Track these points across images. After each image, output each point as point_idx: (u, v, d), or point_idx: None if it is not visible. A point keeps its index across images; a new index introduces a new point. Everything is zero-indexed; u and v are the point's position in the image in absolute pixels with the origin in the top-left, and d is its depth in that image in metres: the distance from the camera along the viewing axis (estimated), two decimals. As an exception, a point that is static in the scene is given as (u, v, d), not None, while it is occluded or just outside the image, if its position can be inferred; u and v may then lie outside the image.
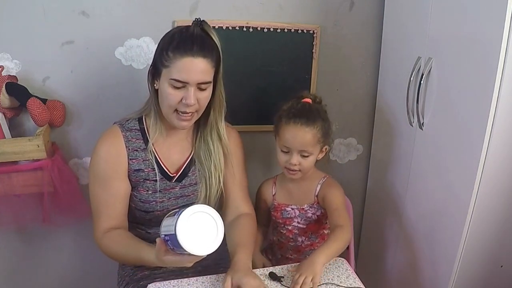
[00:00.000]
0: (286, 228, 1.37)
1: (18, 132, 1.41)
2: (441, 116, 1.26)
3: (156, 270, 1.23)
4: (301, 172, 1.27)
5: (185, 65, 1.03)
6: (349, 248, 1.44)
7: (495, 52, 1.01)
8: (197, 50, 1.03)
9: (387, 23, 1.56)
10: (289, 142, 1.23)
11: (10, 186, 1.32)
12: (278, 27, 1.49)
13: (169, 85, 1.06)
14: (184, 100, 1.06)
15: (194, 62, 1.03)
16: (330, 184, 1.32)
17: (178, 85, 1.05)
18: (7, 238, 1.54)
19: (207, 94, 1.10)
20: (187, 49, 1.03)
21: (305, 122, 1.21)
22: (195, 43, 1.04)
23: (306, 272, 1.02)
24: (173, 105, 1.07)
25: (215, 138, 1.21)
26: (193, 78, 1.04)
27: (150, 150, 1.16)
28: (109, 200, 1.13)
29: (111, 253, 1.12)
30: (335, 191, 1.30)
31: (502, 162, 1.11)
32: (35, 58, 1.36)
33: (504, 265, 1.27)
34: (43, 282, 1.65)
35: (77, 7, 1.35)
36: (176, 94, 1.06)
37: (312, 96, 1.31)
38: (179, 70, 1.03)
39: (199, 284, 1.05)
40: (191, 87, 1.05)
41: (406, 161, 1.45)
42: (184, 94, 1.06)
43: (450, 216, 1.24)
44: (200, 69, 1.05)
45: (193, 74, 1.04)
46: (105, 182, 1.12)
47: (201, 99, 1.09)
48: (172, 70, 1.04)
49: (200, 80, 1.05)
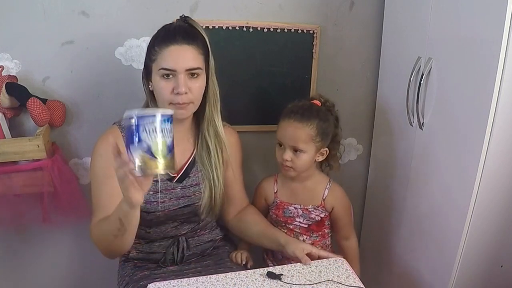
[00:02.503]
0: (287, 227, 1.37)
1: (18, 132, 1.41)
2: (441, 116, 1.26)
3: (156, 270, 1.23)
4: (294, 169, 1.27)
5: (170, 53, 1.06)
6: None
7: (495, 52, 1.01)
8: (181, 39, 1.07)
9: (387, 23, 1.56)
10: (281, 136, 1.27)
11: (10, 186, 1.32)
12: (278, 27, 1.49)
13: (160, 77, 1.08)
14: (175, 90, 1.07)
15: (179, 49, 1.06)
16: (340, 195, 1.36)
17: (166, 73, 1.07)
18: (7, 238, 1.54)
19: (199, 83, 1.11)
20: (171, 39, 1.07)
21: (299, 118, 1.23)
22: (178, 33, 1.08)
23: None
24: (166, 97, 1.09)
25: (212, 133, 1.21)
26: (180, 65, 1.06)
27: None
28: (108, 198, 1.12)
29: (97, 239, 1.08)
30: (346, 204, 1.38)
31: (502, 162, 1.11)
32: (35, 58, 1.36)
33: (504, 265, 1.27)
34: (43, 282, 1.65)
35: (77, 7, 1.35)
36: (167, 85, 1.08)
37: (323, 99, 1.33)
38: (165, 59, 1.06)
39: (199, 284, 1.05)
40: (180, 75, 1.06)
41: (406, 161, 1.45)
42: (175, 83, 1.07)
43: (450, 216, 1.24)
44: (186, 55, 1.07)
45: (180, 61, 1.06)
46: (105, 180, 1.12)
47: (193, 88, 1.09)
48: (159, 61, 1.07)
49: (187, 66, 1.07)
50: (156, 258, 1.26)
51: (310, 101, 1.31)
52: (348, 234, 1.40)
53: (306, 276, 1.08)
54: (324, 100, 1.33)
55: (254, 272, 1.10)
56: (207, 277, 1.08)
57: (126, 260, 1.29)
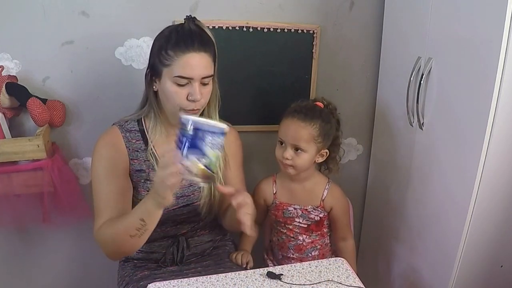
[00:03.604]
0: (286, 227, 1.38)
1: (18, 132, 1.41)
2: (441, 116, 1.26)
3: (156, 270, 1.23)
4: (294, 168, 1.28)
5: (188, 61, 1.04)
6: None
7: (495, 52, 1.01)
8: (198, 46, 1.04)
9: (387, 23, 1.56)
10: (283, 134, 1.27)
11: (10, 186, 1.32)
12: (278, 27, 1.49)
13: (173, 83, 1.06)
14: (191, 97, 1.06)
15: (197, 57, 1.04)
16: (339, 196, 1.37)
17: (182, 82, 1.05)
18: (7, 238, 1.54)
19: (209, 88, 1.11)
20: (189, 45, 1.04)
21: (302, 118, 1.24)
22: (195, 38, 1.05)
23: None
24: (179, 103, 1.07)
25: None
26: (198, 73, 1.05)
27: (150, 152, 1.16)
28: (109, 197, 1.11)
29: (107, 239, 1.05)
30: (344, 205, 1.38)
31: (502, 162, 1.11)
32: (35, 58, 1.36)
33: (504, 265, 1.27)
34: (43, 282, 1.65)
35: (77, 7, 1.35)
36: (181, 91, 1.06)
37: (325, 101, 1.34)
38: (183, 66, 1.04)
39: (199, 284, 1.05)
40: (196, 83, 1.06)
41: (406, 161, 1.45)
42: (189, 90, 1.06)
43: (450, 216, 1.24)
44: (203, 63, 1.06)
45: (197, 69, 1.05)
46: (106, 179, 1.12)
47: (204, 93, 1.09)
48: (175, 68, 1.04)
49: (204, 74, 1.06)
50: (156, 258, 1.26)
51: (313, 102, 1.32)
52: (346, 235, 1.41)
53: (306, 276, 1.08)
54: (326, 103, 1.34)
55: (254, 272, 1.10)
56: (207, 277, 1.07)
57: (126, 260, 1.29)
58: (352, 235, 1.44)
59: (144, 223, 0.97)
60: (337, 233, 1.41)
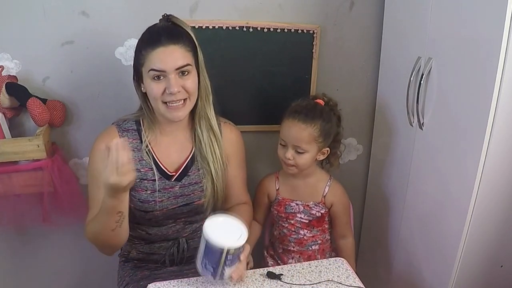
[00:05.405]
0: (288, 222, 1.39)
1: (18, 132, 1.41)
2: (441, 116, 1.26)
3: (156, 270, 1.23)
4: (296, 168, 1.29)
5: (157, 55, 1.06)
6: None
7: (495, 52, 1.00)
8: (166, 40, 1.07)
9: (387, 23, 1.56)
10: (285, 136, 1.28)
11: (10, 186, 1.32)
12: (278, 27, 1.49)
13: (151, 80, 1.08)
14: (168, 90, 1.07)
15: (166, 50, 1.06)
16: (340, 193, 1.38)
17: (157, 75, 1.07)
18: (7, 238, 1.54)
19: (191, 79, 1.11)
20: (156, 41, 1.07)
21: (303, 119, 1.25)
22: (162, 34, 1.08)
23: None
24: (158, 97, 1.09)
25: (204, 127, 1.21)
26: (169, 65, 1.06)
27: (146, 151, 1.16)
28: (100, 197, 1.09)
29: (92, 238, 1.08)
30: (344, 202, 1.40)
31: (502, 162, 1.11)
32: (35, 58, 1.36)
33: (504, 265, 1.27)
34: (43, 282, 1.65)
35: (77, 7, 1.35)
36: (159, 85, 1.08)
37: (326, 98, 1.35)
38: (154, 61, 1.06)
39: (199, 284, 1.05)
40: (171, 75, 1.07)
41: (406, 161, 1.45)
42: (166, 84, 1.08)
43: (450, 216, 1.24)
44: (173, 55, 1.07)
45: (168, 61, 1.06)
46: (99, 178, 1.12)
47: (186, 85, 1.10)
48: (148, 64, 1.07)
49: (176, 65, 1.07)
50: (156, 259, 1.26)
51: (314, 99, 1.32)
52: (345, 232, 1.42)
53: (306, 276, 1.08)
54: (327, 99, 1.35)
55: (254, 272, 1.10)
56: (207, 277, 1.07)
57: (126, 260, 1.29)
58: (352, 233, 1.45)
59: (121, 213, 1.00)
60: (337, 230, 1.42)
